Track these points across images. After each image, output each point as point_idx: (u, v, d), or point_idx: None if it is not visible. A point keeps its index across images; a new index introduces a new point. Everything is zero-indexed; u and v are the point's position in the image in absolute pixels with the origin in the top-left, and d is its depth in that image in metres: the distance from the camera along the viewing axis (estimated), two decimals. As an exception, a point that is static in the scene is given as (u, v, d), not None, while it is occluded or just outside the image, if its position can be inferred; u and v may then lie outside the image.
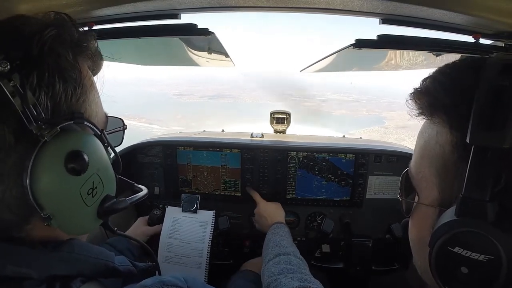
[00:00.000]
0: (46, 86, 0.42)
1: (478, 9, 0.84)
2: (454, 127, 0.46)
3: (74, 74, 0.45)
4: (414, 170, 0.55)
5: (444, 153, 0.47)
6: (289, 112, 1.75)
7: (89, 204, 0.47)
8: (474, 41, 1.02)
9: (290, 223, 1.59)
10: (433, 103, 0.49)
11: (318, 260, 1.59)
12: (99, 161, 0.49)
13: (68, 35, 0.46)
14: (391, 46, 1.09)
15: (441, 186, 0.48)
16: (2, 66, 0.38)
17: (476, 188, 0.41)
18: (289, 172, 1.53)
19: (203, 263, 1.40)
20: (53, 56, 0.43)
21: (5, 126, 0.39)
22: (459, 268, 0.42)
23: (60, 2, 0.85)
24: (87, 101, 0.49)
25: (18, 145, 0.40)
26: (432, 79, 0.50)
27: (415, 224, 0.56)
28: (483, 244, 0.40)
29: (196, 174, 1.56)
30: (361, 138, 1.96)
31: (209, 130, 1.93)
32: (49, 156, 0.42)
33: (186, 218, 1.48)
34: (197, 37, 1.10)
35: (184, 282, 0.55)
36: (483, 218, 0.40)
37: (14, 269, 0.42)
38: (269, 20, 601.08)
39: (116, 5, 0.92)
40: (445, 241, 0.43)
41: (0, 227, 0.43)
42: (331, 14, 1.04)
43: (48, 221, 0.43)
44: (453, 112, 0.46)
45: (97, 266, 0.51)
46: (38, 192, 0.41)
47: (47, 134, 0.41)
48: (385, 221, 1.50)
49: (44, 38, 0.42)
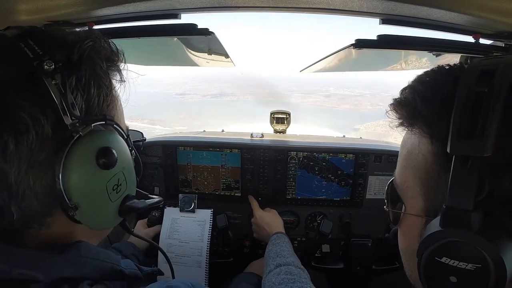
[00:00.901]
0: (83, 89, 0.46)
1: (478, 9, 0.84)
2: (434, 137, 0.45)
3: (106, 82, 0.50)
4: (398, 180, 0.55)
5: (427, 163, 0.47)
6: (289, 112, 1.75)
7: (113, 200, 0.51)
8: (474, 41, 1.02)
9: (290, 223, 1.59)
10: (412, 114, 0.49)
11: (318, 260, 1.59)
12: (125, 160, 0.53)
13: (103, 49, 0.51)
14: (391, 46, 1.08)
15: (425, 196, 0.48)
16: (48, 65, 0.42)
17: (459, 198, 0.40)
18: (289, 172, 1.53)
19: (203, 262, 1.40)
20: (90, 64, 0.47)
21: (45, 119, 0.42)
22: (448, 277, 0.42)
23: (60, 2, 0.85)
24: (115, 109, 0.54)
25: (54, 138, 0.43)
26: (411, 89, 0.50)
27: (403, 234, 0.56)
28: (469, 253, 0.40)
29: (196, 174, 1.56)
30: (361, 138, 1.96)
31: (212, 128, 1.93)
32: (82, 149, 0.45)
33: (184, 218, 1.49)
34: (197, 37, 1.10)
35: (191, 287, 0.55)
36: (468, 227, 0.40)
37: (21, 272, 0.42)
38: (269, 20, 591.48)
39: (116, 5, 0.92)
40: (431, 251, 0.43)
41: (24, 215, 0.44)
42: (331, 14, 1.04)
43: (74, 211, 0.46)
44: (433, 122, 0.46)
45: (104, 269, 0.52)
46: (68, 182, 0.44)
47: (81, 130, 0.45)
48: (385, 221, 1.50)
49: (84, 46, 0.47)
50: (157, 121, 41.54)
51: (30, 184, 0.43)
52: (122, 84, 0.57)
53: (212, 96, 79.63)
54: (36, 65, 0.42)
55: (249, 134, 1.64)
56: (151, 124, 37.76)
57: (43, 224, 0.47)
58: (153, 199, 0.66)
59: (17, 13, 0.86)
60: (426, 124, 0.47)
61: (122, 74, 0.56)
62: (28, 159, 0.42)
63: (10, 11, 0.85)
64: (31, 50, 0.43)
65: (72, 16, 0.95)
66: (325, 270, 1.60)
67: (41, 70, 0.42)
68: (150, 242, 0.82)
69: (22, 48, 0.43)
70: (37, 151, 0.42)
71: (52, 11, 0.89)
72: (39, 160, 0.43)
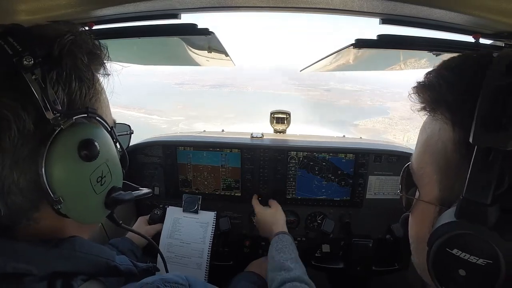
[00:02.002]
0: (64, 83, 0.46)
1: (478, 9, 0.84)
2: (457, 124, 0.44)
3: (88, 76, 0.50)
4: (415, 165, 0.54)
5: (446, 151, 0.46)
6: (289, 112, 1.75)
7: (98, 192, 0.51)
8: (474, 41, 1.02)
9: (290, 223, 1.59)
10: (436, 99, 0.47)
11: (318, 260, 1.59)
12: (109, 152, 0.53)
13: (84, 42, 0.51)
14: (391, 46, 1.08)
15: (442, 184, 0.47)
16: (27, 60, 0.43)
17: (477, 191, 0.39)
18: (289, 172, 1.53)
19: (203, 264, 1.40)
20: (71, 58, 0.48)
21: (26, 114, 0.42)
22: (457, 270, 0.41)
23: (60, 2, 0.85)
24: (98, 102, 0.54)
25: (36, 133, 0.44)
26: (436, 73, 0.48)
27: (415, 221, 0.55)
28: (482, 248, 0.39)
29: (196, 174, 1.56)
30: (361, 138, 1.96)
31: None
32: (64, 142, 0.46)
33: (187, 219, 1.49)
34: (197, 37, 1.10)
35: (185, 280, 0.56)
36: (483, 222, 0.39)
37: (14, 265, 0.43)
38: (270, 19, 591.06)
39: (116, 5, 0.92)
40: (443, 242, 0.42)
41: (11, 211, 0.45)
42: (331, 14, 1.04)
43: (58, 204, 0.46)
44: (457, 109, 0.44)
45: (98, 264, 0.52)
46: (51, 176, 0.45)
47: (63, 123, 0.45)
48: (385, 221, 1.50)
49: (64, 41, 0.47)
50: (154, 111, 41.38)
51: (15, 179, 0.43)
52: (106, 77, 0.57)
53: (211, 86, 79.40)
54: (16, 61, 0.43)
55: (249, 134, 1.64)
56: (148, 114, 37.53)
57: (30, 219, 0.47)
58: (140, 191, 0.65)
59: (17, 13, 0.86)
60: (449, 110, 0.45)
61: (106, 67, 0.56)
62: (12, 154, 0.42)
63: (10, 11, 0.85)
64: (10, 47, 0.43)
65: (72, 16, 0.95)
66: (325, 270, 1.60)
67: (21, 66, 0.42)
68: (139, 233, 0.81)
69: (2, 45, 0.44)
70: (19, 147, 0.43)
71: (52, 11, 0.89)
72: (22, 155, 0.43)
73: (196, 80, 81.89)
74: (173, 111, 44.96)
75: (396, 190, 1.53)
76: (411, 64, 1.47)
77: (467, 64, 0.47)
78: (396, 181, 1.51)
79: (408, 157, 0.57)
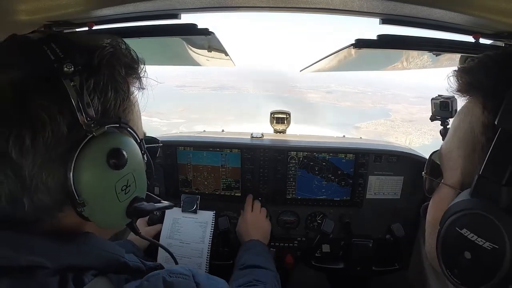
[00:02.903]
0: (100, 92, 0.48)
1: (478, 9, 0.84)
2: (487, 108, 0.46)
3: (124, 87, 0.52)
4: (444, 148, 0.55)
5: (474, 134, 0.47)
6: (289, 112, 1.75)
7: (121, 200, 0.52)
8: (474, 41, 1.02)
9: (290, 223, 1.59)
10: (472, 82, 0.49)
11: (318, 260, 1.59)
12: (136, 163, 0.54)
13: (123, 55, 0.53)
14: (391, 46, 1.08)
15: (465, 168, 0.49)
16: (68, 67, 0.45)
17: (494, 169, 0.40)
18: (289, 172, 1.53)
19: (203, 263, 1.40)
20: (109, 69, 0.50)
21: (62, 118, 0.44)
22: (463, 252, 0.42)
23: (60, 2, 0.85)
24: (131, 114, 0.56)
25: (69, 137, 0.45)
26: (478, 60, 0.50)
27: (434, 204, 0.56)
28: (490, 231, 0.40)
29: (196, 174, 1.56)
30: (361, 138, 1.96)
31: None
32: (94, 149, 0.47)
33: (186, 219, 1.49)
34: (197, 37, 1.10)
35: (189, 271, 0.57)
36: (496, 201, 0.40)
37: (28, 258, 0.44)
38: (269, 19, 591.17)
39: (116, 5, 0.91)
40: (454, 220, 0.43)
41: (35, 208, 0.46)
42: (331, 14, 1.04)
43: (82, 207, 0.47)
44: (490, 93, 0.46)
45: (109, 260, 0.53)
46: (78, 180, 0.46)
47: (95, 130, 0.47)
48: (385, 221, 1.50)
49: (104, 52, 0.49)
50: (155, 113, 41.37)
51: (43, 178, 0.45)
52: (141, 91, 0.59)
53: (212, 89, 79.39)
54: (57, 66, 0.45)
55: (249, 134, 1.64)
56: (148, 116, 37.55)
57: (53, 217, 0.49)
58: (162, 203, 0.67)
59: (17, 13, 0.86)
60: (483, 94, 0.47)
61: (142, 81, 0.58)
62: (43, 154, 0.44)
63: (10, 11, 0.85)
64: (53, 52, 0.46)
65: (72, 16, 0.95)
66: (325, 270, 1.60)
67: (61, 72, 0.45)
68: (155, 242, 0.84)
69: (45, 50, 0.46)
70: (52, 148, 0.44)
71: (52, 11, 0.89)
72: (53, 156, 0.45)
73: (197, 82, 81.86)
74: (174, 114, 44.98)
75: (396, 190, 1.53)
76: (411, 64, 1.47)
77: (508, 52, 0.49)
78: (396, 181, 1.51)
79: (408, 157, 0.58)
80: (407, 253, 1.56)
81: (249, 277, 1.02)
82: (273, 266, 1.15)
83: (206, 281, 0.59)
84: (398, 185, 1.52)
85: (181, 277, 0.54)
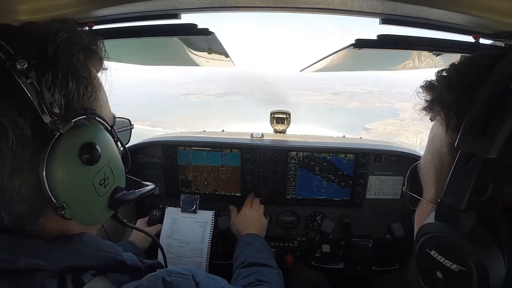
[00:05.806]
0: (60, 85, 0.44)
1: (478, 9, 0.84)
2: (450, 127, 0.43)
3: (85, 74, 0.48)
4: (422, 163, 0.53)
5: (442, 152, 0.45)
6: (289, 112, 1.75)
7: (101, 194, 0.50)
8: (474, 41, 1.02)
9: (290, 223, 1.59)
10: (434, 99, 0.47)
11: (318, 260, 1.59)
12: (110, 153, 0.51)
13: (79, 38, 0.49)
14: (391, 46, 1.08)
15: (436, 185, 0.47)
16: (20, 64, 0.41)
17: (453, 195, 0.39)
18: (289, 172, 1.53)
19: (203, 263, 1.40)
20: (67, 57, 0.45)
21: (23, 120, 0.41)
22: (435, 272, 0.41)
23: (60, 2, 0.85)
24: (97, 100, 0.51)
25: (34, 139, 0.42)
26: (440, 73, 0.47)
27: (416, 218, 0.56)
28: (454, 254, 0.39)
29: (196, 174, 1.56)
30: (361, 138, 1.96)
31: (214, 129, 1.94)
32: (64, 147, 0.44)
33: (186, 219, 1.49)
34: (197, 37, 1.10)
35: (189, 271, 0.57)
36: (457, 227, 0.38)
37: (26, 261, 0.43)
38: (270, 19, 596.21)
39: (116, 5, 0.92)
40: (424, 241, 0.42)
41: (15, 218, 0.45)
42: (331, 14, 1.04)
43: (62, 210, 0.45)
44: (452, 111, 0.43)
45: (106, 259, 0.53)
46: (53, 182, 0.43)
47: (61, 127, 0.43)
48: (385, 221, 1.50)
49: (58, 40, 0.45)
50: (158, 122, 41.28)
51: (16, 187, 0.42)
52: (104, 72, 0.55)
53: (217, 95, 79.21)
54: (9, 65, 0.41)
55: (249, 134, 1.64)
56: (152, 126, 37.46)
57: (37, 224, 0.47)
58: (144, 188, 0.64)
59: (17, 13, 0.86)
60: (445, 112, 0.44)
61: (103, 62, 0.55)
62: (11, 162, 0.41)
63: (11, 11, 0.85)
64: (2, 50, 0.41)
65: (72, 16, 0.95)
66: (325, 270, 1.60)
67: (14, 70, 0.41)
68: (142, 230, 0.80)
69: None
70: (18, 154, 0.41)
71: (52, 11, 0.89)
72: (22, 162, 0.42)
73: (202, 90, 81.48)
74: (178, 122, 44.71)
75: (396, 190, 1.53)
76: (411, 64, 1.47)
77: (472, 64, 0.46)
78: (396, 181, 1.51)
79: (408, 157, 0.57)
80: (407, 253, 1.56)
81: (253, 276, 1.01)
82: (275, 263, 1.14)
83: (206, 280, 0.58)
84: (398, 185, 1.52)
85: (181, 277, 0.54)
